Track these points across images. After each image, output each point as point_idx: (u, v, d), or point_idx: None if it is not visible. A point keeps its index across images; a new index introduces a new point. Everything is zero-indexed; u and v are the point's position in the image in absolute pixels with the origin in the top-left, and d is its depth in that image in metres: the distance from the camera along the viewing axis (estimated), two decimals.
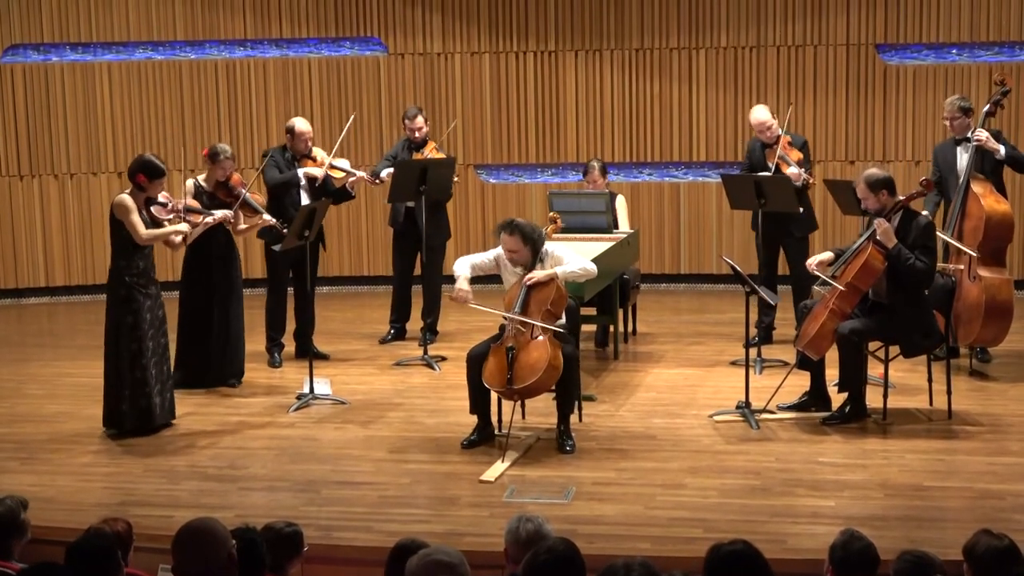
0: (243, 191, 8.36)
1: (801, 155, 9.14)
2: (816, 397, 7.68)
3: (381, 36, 11.88)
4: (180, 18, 11.83)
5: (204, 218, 8.05)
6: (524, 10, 11.76)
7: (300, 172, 9.05)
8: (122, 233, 7.45)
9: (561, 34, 11.76)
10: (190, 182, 8.44)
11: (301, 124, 9.18)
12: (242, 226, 8.46)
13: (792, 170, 8.99)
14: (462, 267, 7.43)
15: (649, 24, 11.65)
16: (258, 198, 8.63)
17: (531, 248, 7.18)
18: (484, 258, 7.52)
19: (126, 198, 7.44)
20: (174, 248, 7.93)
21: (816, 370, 7.63)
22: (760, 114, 9.27)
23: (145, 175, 7.46)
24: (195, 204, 8.16)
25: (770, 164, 9.11)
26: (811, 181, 9.10)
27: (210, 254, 8.40)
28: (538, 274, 7.13)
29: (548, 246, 7.37)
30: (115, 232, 7.50)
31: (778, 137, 9.12)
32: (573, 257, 7.34)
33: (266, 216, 8.52)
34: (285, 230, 8.34)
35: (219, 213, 8.15)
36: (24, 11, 11.69)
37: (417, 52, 11.87)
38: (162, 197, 7.66)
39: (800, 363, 7.67)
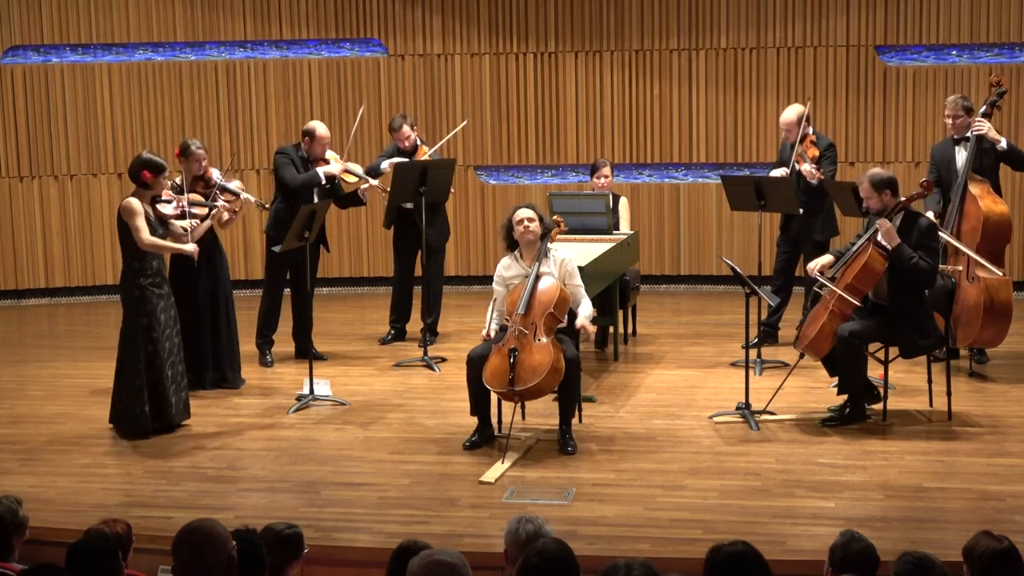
0: (218, 178, 8.38)
1: (817, 152, 9.13)
2: (864, 392, 7.60)
3: (381, 37, 11.88)
4: (180, 19, 11.83)
5: (209, 211, 8.06)
6: (524, 11, 11.76)
7: (320, 171, 9.03)
8: (131, 236, 7.47)
9: (561, 35, 11.76)
10: (168, 183, 8.43)
11: (322, 129, 9.18)
12: (225, 216, 8.43)
13: (806, 167, 9.00)
14: (489, 320, 7.41)
15: (649, 25, 11.65)
16: (235, 181, 8.63)
17: (543, 227, 7.32)
18: (496, 295, 7.45)
19: (133, 201, 7.45)
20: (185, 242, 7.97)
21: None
22: (786, 113, 9.25)
23: (150, 171, 7.47)
24: (198, 198, 8.15)
25: (795, 162, 9.13)
26: (816, 179, 9.05)
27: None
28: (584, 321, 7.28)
29: (553, 248, 7.40)
30: (125, 234, 7.51)
31: (803, 136, 9.12)
32: (585, 301, 7.41)
33: (245, 195, 8.52)
34: (265, 208, 8.73)
35: (218, 206, 8.13)
36: (24, 12, 11.69)
37: (417, 53, 11.87)
38: (166, 195, 7.69)
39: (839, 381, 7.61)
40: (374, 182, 9.33)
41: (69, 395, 8.55)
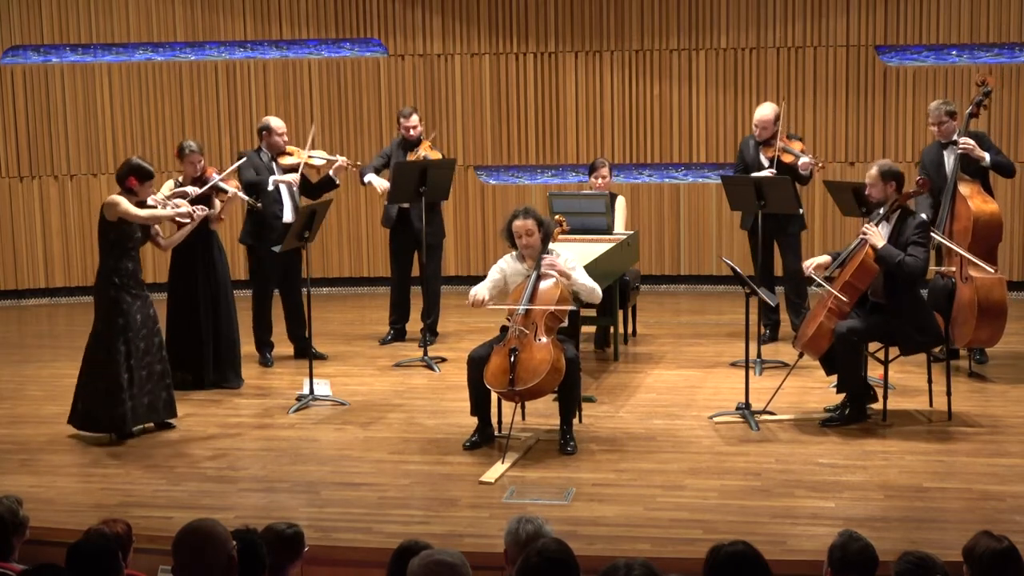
0: (215, 177, 8.38)
1: (802, 143, 9.21)
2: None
3: (381, 37, 11.88)
4: (180, 19, 11.84)
5: (195, 211, 8.04)
6: (524, 11, 11.76)
7: (271, 179, 9.00)
8: (110, 236, 7.46)
9: (561, 35, 11.77)
10: (169, 182, 8.46)
11: (275, 121, 9.21)
12: (216, 208, 8.41)
13: (803, 160, 9.03)
14: (481, 287, 7.39)
15: (649, 25, 11.66)
16: (231, 182, 8.62)
17: (543, 233, 7.26)
18: (492, 277, 7.45)
19: (115, 196, 7.48)
20: (164, 247, 7.98)
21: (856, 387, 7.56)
22: (763, 110, 9.30)
23: (136, 178, 7.50)
24: (182, 205, 8.13)
25: (764, 160, 9.16)
26: (821, 164, 9.23)
27: (194, 256, 8.40)
28: (560, 264, 7.16)
29: (554, 249, 7.41)
30: (103, 235, 7.51)
31: (774, 133, 9.18)
32: (586, 275, 7.39)
33: (239, 193, 8.52)
34: (259, 206, 8.73)
35: (200, 210, 8.09)
36: (24, 12, 11.69)
37: (417, 53, 11.87)
38: (151, 200, 7.69)
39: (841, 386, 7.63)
40: (341, 159, 9.32)
41: (69, 395, 8.48)
